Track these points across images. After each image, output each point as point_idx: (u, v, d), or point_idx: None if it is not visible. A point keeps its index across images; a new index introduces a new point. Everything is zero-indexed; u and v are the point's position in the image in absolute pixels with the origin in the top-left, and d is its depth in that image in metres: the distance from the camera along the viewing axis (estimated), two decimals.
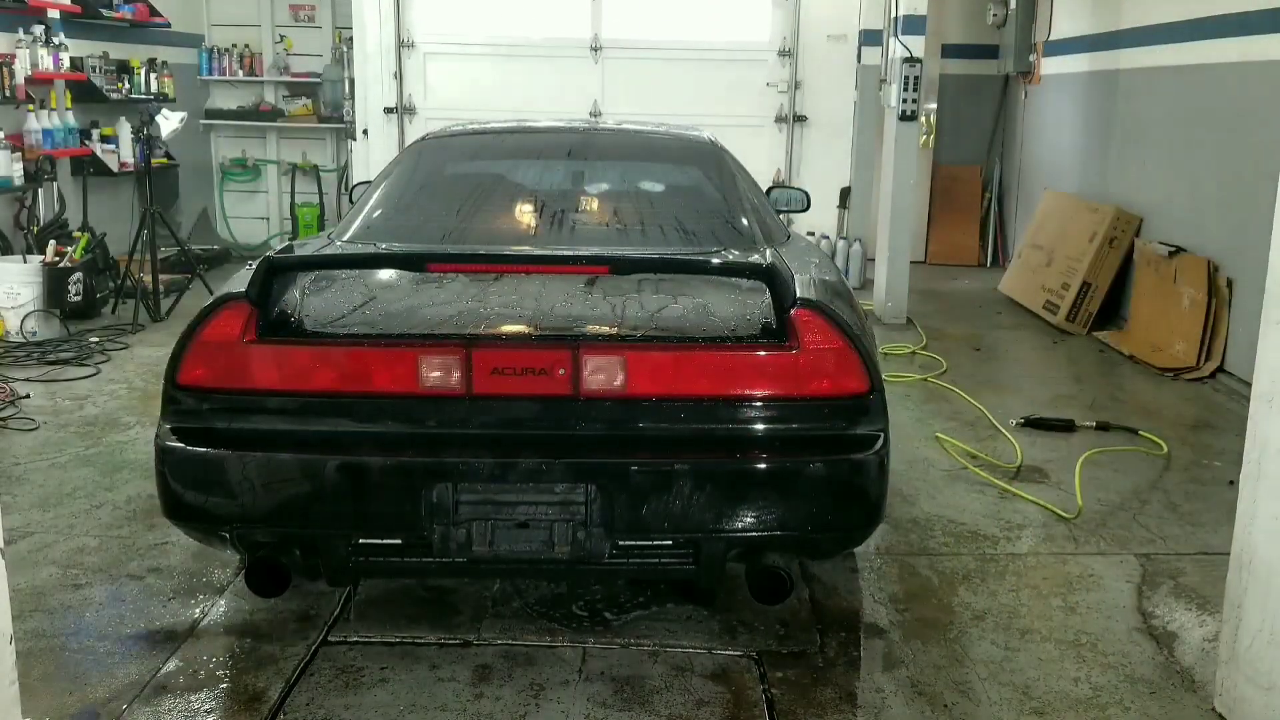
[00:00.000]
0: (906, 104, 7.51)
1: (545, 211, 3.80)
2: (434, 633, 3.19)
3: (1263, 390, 2.65)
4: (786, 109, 9.86)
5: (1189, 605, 3.43)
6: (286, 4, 10.26)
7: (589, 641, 3.15)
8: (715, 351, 2.87)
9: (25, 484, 4.35)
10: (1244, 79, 6.08)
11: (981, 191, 10.23)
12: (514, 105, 9.06)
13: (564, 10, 9.70)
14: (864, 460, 2.86)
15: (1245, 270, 5.96)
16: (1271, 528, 2.62)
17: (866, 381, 2.90)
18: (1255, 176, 5.76)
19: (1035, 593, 3.55)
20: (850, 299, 3.36)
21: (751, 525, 2.83)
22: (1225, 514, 3.66)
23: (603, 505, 2.78)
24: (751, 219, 3.77)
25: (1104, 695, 2.95)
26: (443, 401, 2.83)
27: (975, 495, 4.39)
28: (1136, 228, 7.36)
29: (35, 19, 7.52)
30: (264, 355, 2.87)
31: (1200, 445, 5.08)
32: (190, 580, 3.52)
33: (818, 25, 9.74)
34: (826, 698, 2.91)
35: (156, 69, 9.16)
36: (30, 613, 3.27)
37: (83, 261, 7.14)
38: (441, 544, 2.80)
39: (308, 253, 3.46)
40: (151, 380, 5.72)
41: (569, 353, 2.80)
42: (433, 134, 4.44)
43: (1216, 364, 6.14)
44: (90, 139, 8.19)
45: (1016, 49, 9.29)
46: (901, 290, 7.73)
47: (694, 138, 4.38)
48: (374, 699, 2.86)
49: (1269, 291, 2.63)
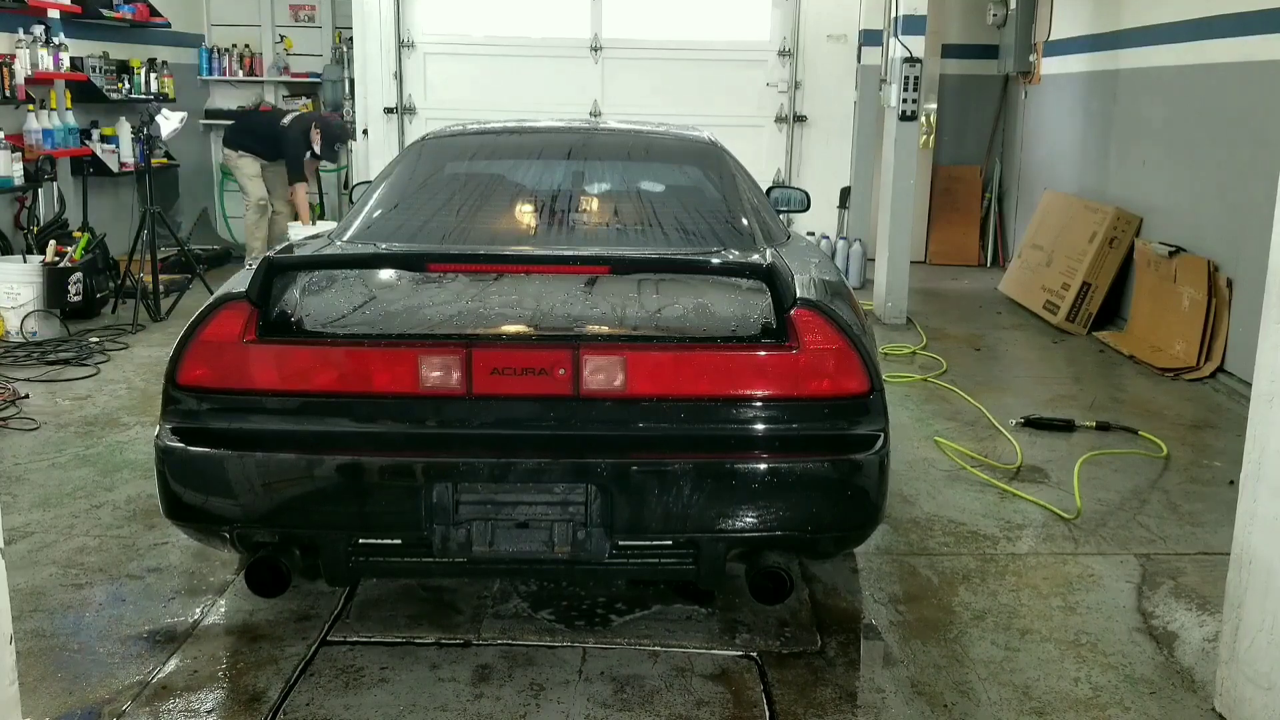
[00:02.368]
0: (906, 104, 7.52)
1: (545, 211, 3.80)
2: (434, 633, 3.19)
3: (1263, 390, 2.65)
4: (786, 109, 9.86)
5: (1189, 605, 3.42)
6: (286, 4, 10.26)
7: (589, 641, 3.15)
8: (715, 351, 2.87)
9: (25, 484, 4.35)
10: (1244, 79, 6.08)
11: (981, 191, 10.23)
12: (514, 105, 9.06)
13: (564, 10, 9.70)
14: (864, 460, 2.86)
15: (1245, 270, 5.96)
16: (1271, 528, 2.62)
17: (867, 381, 2.90)
18: (1255, 176, 5.76)
19: (1035, 593, 3.55)
20: (850, 299, 3.36)
21: (752, 525, 2.83)
22: (1225, 514, 3.66)
23: (603, 505, 2.79)
24: (752, 219, 3.77)
25: (1104, 695, 2.96)
26: (443, 401, 2.83)
27: (975, 495, 4.39)
28: (1136, 228, 7.36)
29: (35, 19, 7.53)
30: (264, 355, 2.87)
31: (1200, 445, 5.08)
32: (190, 580, 3.52)
33: (818, 25, 9.74)
34: (826, 698, 2.91)
35: (156, 69, 9.17)
36: (30, 613, 3.27)
37: (83, 261, 7.14)
38: (441, 544, 2.80)
39: (308, 253, 3.46)
40: (151, 380, 5.72)
41: (569, 353, 2.80)
42: (433, 134, 4.44)
43: (1216, 364, 6.14)
44: (90, 139, 8.20)
45: (1016, 49, 9.29)
46: (901, 290, 7.73)
47: (694, 138, 4.38)
48: (374, 699, 2.86)
49: (1269, 291, 2.63)
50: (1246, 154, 6.05)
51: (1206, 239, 6.45)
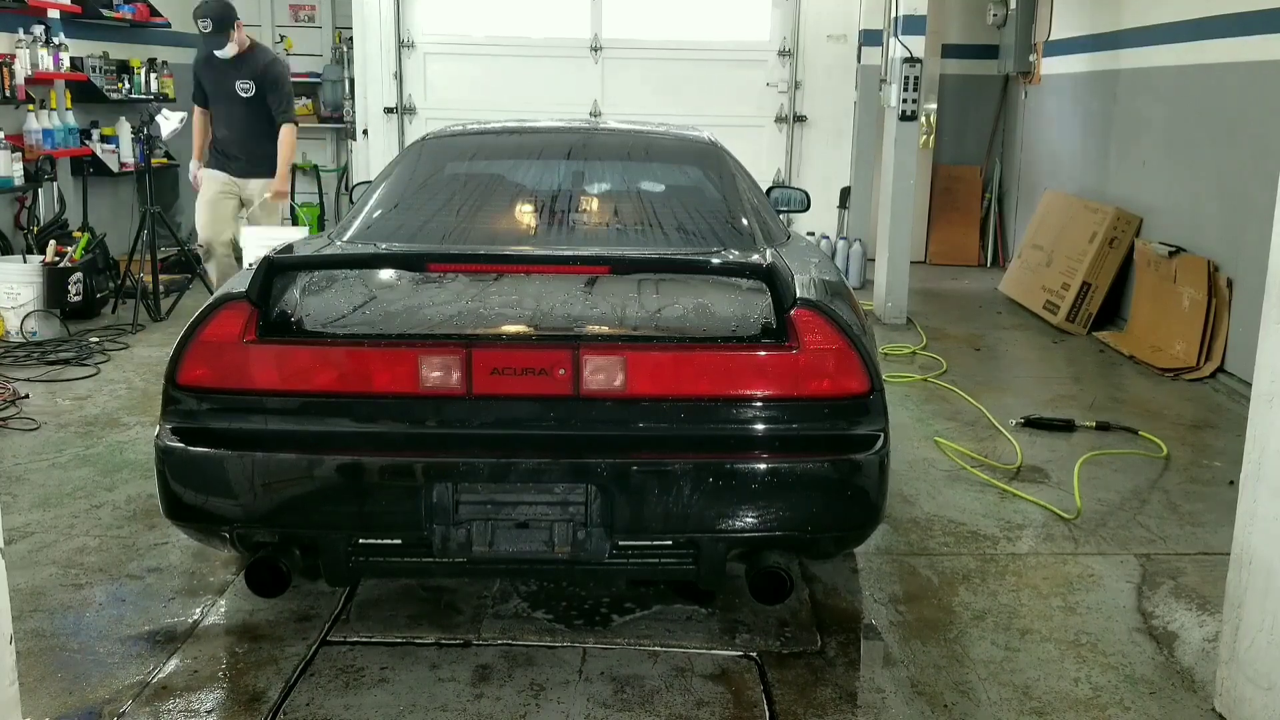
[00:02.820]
0: (906, 104, 7.51)
1: (545, 211, 3.80)
2: (434, 633, 3.19)
3: (1263, 390, 2.65)
4: (786, 109, 9.86)
5: (1189, 605, 3.42)
6: (286, 4, 10.26)
7: (589, 641, 3.15)
8: (715, 351, 2.87)
9: (25, 484, 4.34)
10: (1244, 79, 6.08)
11: (981, 192, 10.22)
12: (514, 105, 9.06)
13: (564, 10, 9.70)
14: (864, 460, 2.86)
15: (1245, 270, 5.96)
16: (1271, 528, 2.62)
17: (867, 381, 2.90)
18: (1255, 176, 5.76)
19: (1035, 593, 3.55)
20: (850, 299, 3.36)
21: (752, 525, 2.83)
22: (1225, 514, 3.66)
23: (603, 505, 2.78)
24: (752, 219, 3.77)
25: (1104, 695, 2.96)
26: (443, 401, 2.83)
27: (975, 495, 4.39)
28: (1136, 228, 7.36)
29: (35, 19, 7.52)
30: (264, 355, 2.86)
31: (1200, 445, 5.08)
32: (190, 580, 3.52)
33: (818, 25, 9.75)
34: (826, 698, 2.91)
35: (156, 69, 9.16)
36: (30, 613, 3.27)
37: (83, 261, 7.13)
38: (441, 544, 2.80)
39: (308, 253, 3.46)
40: (151, 380, 5.72)
41: (569, 353, 2.80)
42: (433, 134, 4.44)
43: (1216, 364, 6.13)
44: (90, 139, 8.19)
45: (1016, 49, 9.28)
46: (901, 290, 7.73)
47: (694, 138, 4.38)
48: (374, 699, 2.86)
49: (1269, 291, 2.63)
50: (1246, 154, 6.05)
51: (1206, 239, 6.45)
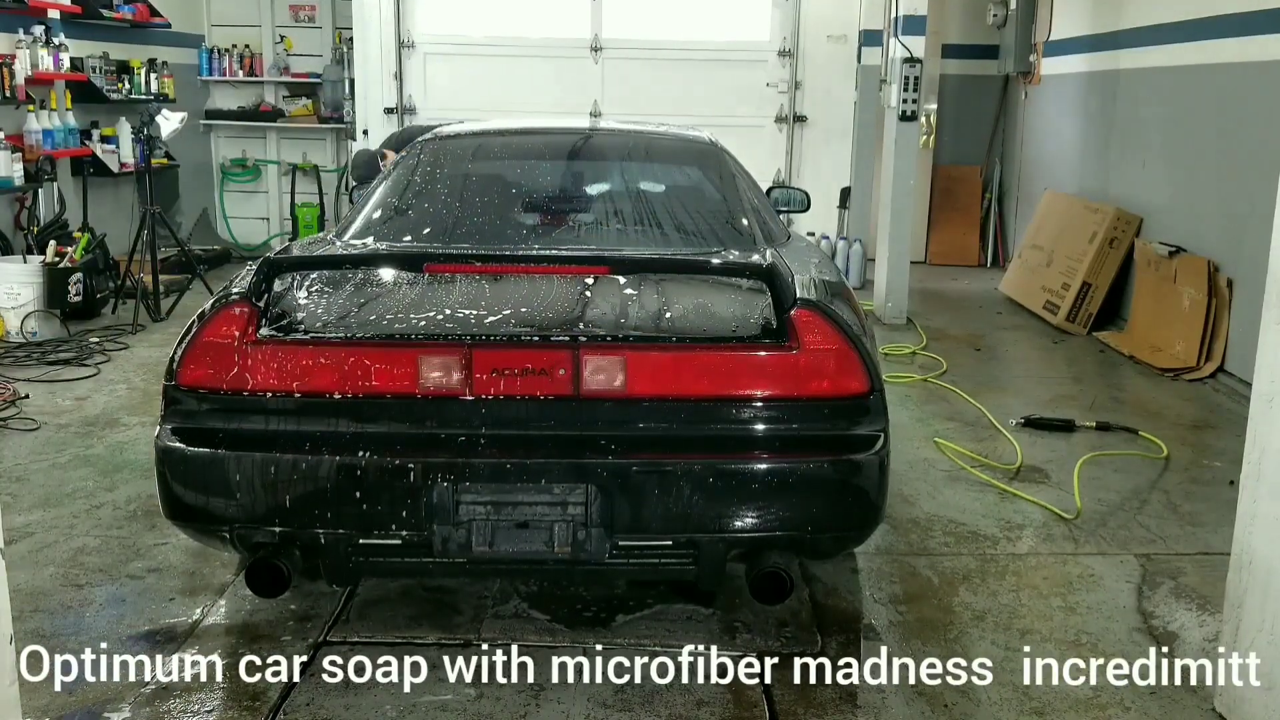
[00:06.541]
0: (906, 104, 7.51)
1: (546, 212, 3.80)
2: (434, 633, 3.19)
3: (1263, 390, 2.65)
4: (786, 109, 9.86)
5: (1189, 605, 3.43)
6: (286, 4, 10.25)
7: (589, 641, 3.15)
8: (715, 352, 2.87)
9: (25, 484, 4.34)
10: (1243, 79, 6.08)
11: (981, 192, 10.22)
12: (514, 105, 9.06)
13: (564, 10, 9.70)
14: (864, 460, 2.86)
15: (1245, 270, 5.95)
16: (1271, 528, 2.62)
17: (867, 382, 2.90)
18: (1255, 176, 5.75)
19: (1035, 593, 3.55)
20: (850, 299, 3.36)
21: (752, 525, 2.83)
22: (1225, 514, 3.65)
23: (603, 505, 2.78)
24: (752, 219, 3.77)
25: (1104, 695, 2.95)
26: (443, 402, 2.83)
27: (975, 496, 4.38)
28: (1136, 228, 7.36)
29: (35, 19, 7.51)
30: (264, 356, 2.86)
31: (1200, 445, 5.08)
32: (190, 580, 3.52)
33: (818, 25, 9.73)
34: (826, 698, 2.91)
35: (156, 69, 9.16)
36: (30, 613, 3.27)
37: (83, 262, 7.13)
38: (442, 544, 2.80)
39: (308, 253, 3.46)
40: (151, 380, 5.72)
41: (569, 353, 2.80)
42: (433, 134, 4.44)
43: (1216, 364, 6.13)
44: (90, 139, 8.18)
45: (1016, 49, 9.28)
46: (901, 290, 7.73)
47: (695, 138, 4.38)
48: (374, 699, 2.86)
49: (1269, 291, 2.63)
50: (1246, 154, 6.04)
51: (1206, 239, 6.45)
